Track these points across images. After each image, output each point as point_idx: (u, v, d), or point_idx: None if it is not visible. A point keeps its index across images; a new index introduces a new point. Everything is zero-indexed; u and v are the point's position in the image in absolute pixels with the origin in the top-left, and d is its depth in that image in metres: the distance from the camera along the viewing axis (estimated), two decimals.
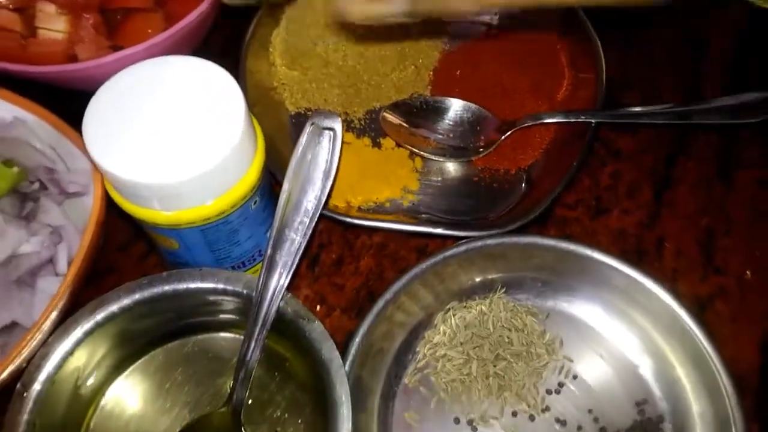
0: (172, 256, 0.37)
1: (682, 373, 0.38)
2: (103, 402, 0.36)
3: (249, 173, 0.34)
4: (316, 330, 0.34)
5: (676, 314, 0.38)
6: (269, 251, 0.34)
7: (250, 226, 0.36)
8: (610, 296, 0.39)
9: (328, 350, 0.34)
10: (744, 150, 0.47)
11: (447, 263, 0.39)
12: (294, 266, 0.34)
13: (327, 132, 0.34)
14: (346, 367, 0.35)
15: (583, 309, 0.40)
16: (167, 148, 0.31)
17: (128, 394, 0.37)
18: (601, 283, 0.39)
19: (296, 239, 0.34)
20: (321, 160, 0.34)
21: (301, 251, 0.34)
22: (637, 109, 0.46)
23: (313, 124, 0.33)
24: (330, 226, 0.44)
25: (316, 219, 0.34)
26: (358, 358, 0.36)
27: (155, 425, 0.36)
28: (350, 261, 0.43)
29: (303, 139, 0.34)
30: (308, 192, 0.34)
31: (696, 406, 0.37)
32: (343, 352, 0.36)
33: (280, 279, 0.34)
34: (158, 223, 0.34)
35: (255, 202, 0.35)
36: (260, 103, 0.46)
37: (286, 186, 0.34)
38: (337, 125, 0.34)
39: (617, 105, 0.47)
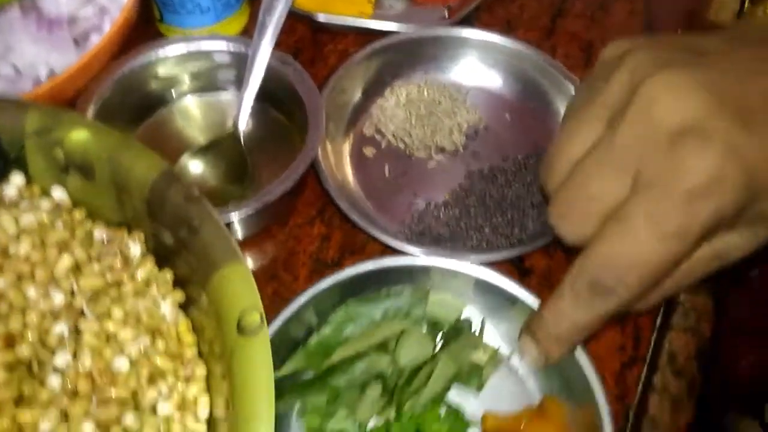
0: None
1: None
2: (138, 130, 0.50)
3: None
4: (297, 69, 0.48)
5: (562, 79, 0.52)
6: (260, 17, 0.48)
7: None
8: (516, 71, 0.54)
9: (306, 81, 0.47)
10: None
11: (389, 49, 0.53)
12: (279, 28, 0.48)
13: None
14: None
15: (495, 84, 0.54)
16: None
17: (160, 127, 0.50)
18: (510, 63, 0.54)
19: (279, 7, 0.48)
20: None
21: (284, 17, 0.48)
22: None
23: None
24: (303, 36, 0.58)
25: None
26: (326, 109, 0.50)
27: (183, 147, 0.49)
28: (321, 60, 0.57)
29: None
30: None
31: None
32: None
33: (270, 38, 0.48)
34: None
35: None
36: None
37: None
38: None
39: None
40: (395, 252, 0.44)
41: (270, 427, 0.28)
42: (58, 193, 0.37)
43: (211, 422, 0.34)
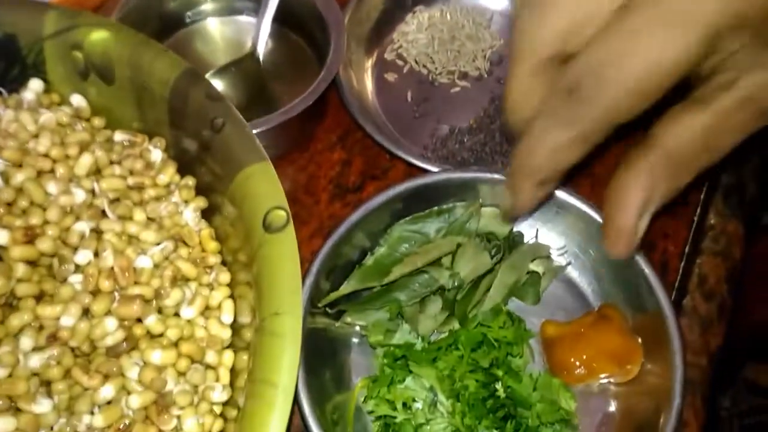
0: None
1: None
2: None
3: None
4: None
5: None
6: None
7: None
8: None
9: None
10: None
11: None
12: None
13: None
14: None
15: None
16: None
17: (179, 50, 0.46)
18: None
19: None
20: None
21: None
22: None
23: None
24: None
25: None
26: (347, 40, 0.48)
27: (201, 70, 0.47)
28: None
29: None
30: None
31: None
32: None
33: None
34: None
35: None
36: None
37: None
38: None
39: None
40: (421, 174, 0.43)
41: (298, 319, 0.28)
42: (77, 100, 0.36)
43: (235, 328, 0.33)
